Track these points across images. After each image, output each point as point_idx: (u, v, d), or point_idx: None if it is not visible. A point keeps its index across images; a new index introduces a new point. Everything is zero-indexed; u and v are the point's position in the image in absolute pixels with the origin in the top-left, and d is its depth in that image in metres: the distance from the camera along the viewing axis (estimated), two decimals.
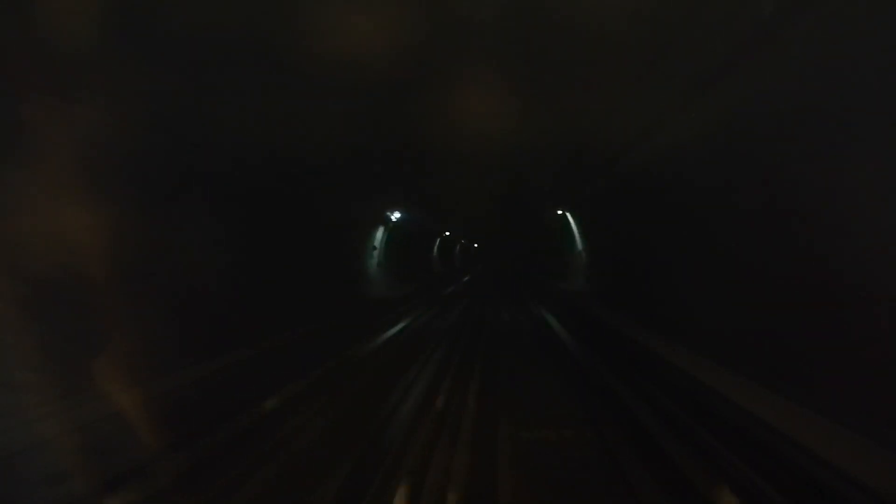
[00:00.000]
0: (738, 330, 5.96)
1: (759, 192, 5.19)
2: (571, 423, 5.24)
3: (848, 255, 3.94)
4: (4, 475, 3.65)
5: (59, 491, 3.42)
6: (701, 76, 5.24)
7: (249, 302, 8.72)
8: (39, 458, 3.80)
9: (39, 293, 4.37)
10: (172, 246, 6.54)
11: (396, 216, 17.29)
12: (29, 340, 4.21)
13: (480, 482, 3.83)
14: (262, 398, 5.85)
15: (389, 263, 19.00)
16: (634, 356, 7.80)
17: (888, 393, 3.54)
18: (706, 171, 6.45)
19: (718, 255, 6.45)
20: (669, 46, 5.04)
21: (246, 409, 5.43)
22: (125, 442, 4.17)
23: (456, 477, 3.86)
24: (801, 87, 4.17)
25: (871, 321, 3.74)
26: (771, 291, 5.17)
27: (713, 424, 4.57)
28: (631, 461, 4.12)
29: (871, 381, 3.74)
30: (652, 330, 8.83)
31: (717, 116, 5.67)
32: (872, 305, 3.71)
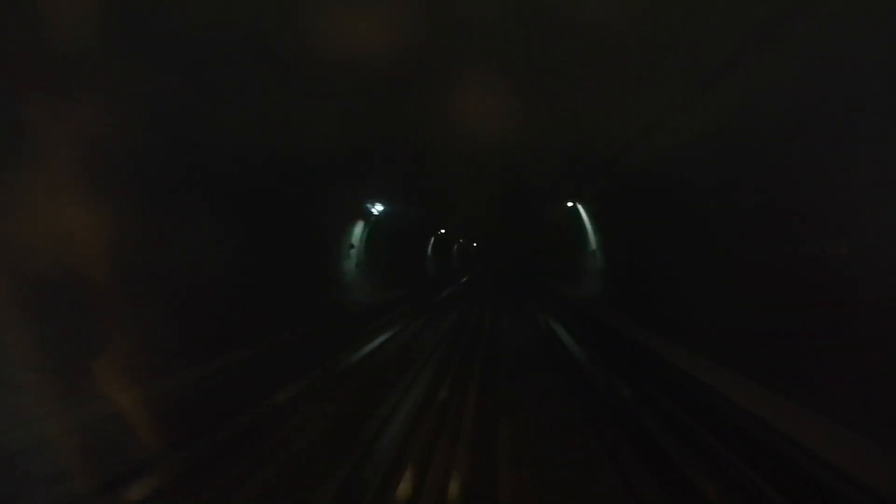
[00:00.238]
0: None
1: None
2: None
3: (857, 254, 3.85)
4: (5, 475, 3.61)
5: (59, 490, 3.45)
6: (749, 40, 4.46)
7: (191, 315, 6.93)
8: (40, 457, 3.75)
9: (39, 293, 4.42)
10: (172, 245, 6.51)
11: (379, 209, 15.10)
12: (29, 340, 4.21)
13: None
14: None
15: (372, 264, 16.80)
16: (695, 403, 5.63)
17: (888, 393, 3.55)
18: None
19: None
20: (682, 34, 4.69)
21: None
22: (125, 442, 4.18)
23: None
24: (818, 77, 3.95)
25: (871, 321, 3.75)
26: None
27: None
28: None
29: (871, 381, 3.74)
30: (677, 344, 6.75)
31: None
32: (873, 305, 3.72)
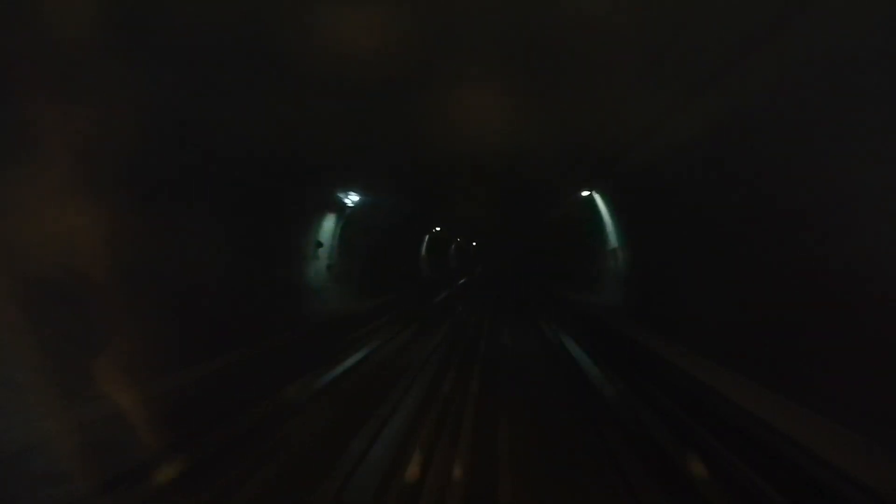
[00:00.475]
0: None
1: None
2: None
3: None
4: (5, 475, 3.58)
5: (59, 491, 3.42)
6: None
7: None
8: (40, 457, 3.74)
9: (39, 293, 4.39)
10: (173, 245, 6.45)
11: (354, 200, 12.32)
12: (29, 340, 4.15)
13: None
14: None
15: (347, 266, 13.99)
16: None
17: (888, 393, 3.51)
18: None
19: None
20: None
21: None
22: (125, 442, 4.14)
23: None
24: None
25: (871, 321, 3.72)
26: None
27: None
28: None
29: (871, 380, 3.70)
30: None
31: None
32: (873, 305, 3.69)
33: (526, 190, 15.10)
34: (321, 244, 12.04)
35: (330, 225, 12.37)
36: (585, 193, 12.10)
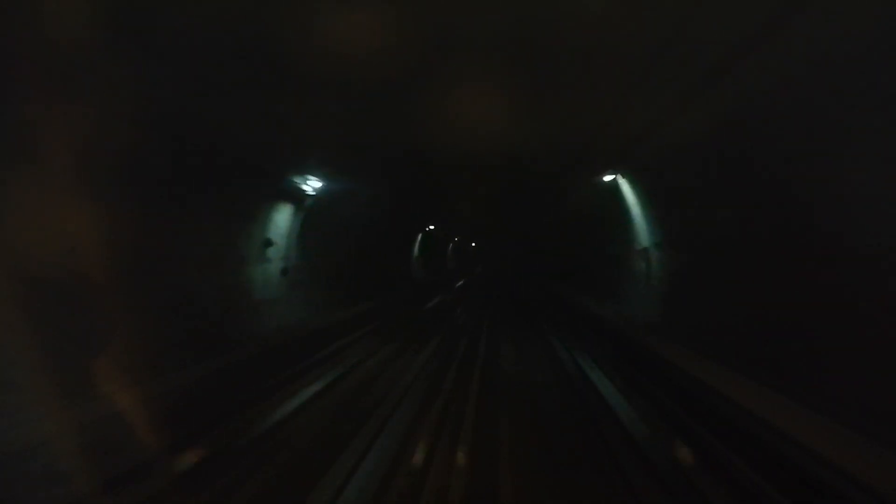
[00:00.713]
0: None
1: None
2: None
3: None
4: (5, 475, 3.51)
5: (59, 490, 3.32)
6: None
7: None
8: (40, 457, 3.64)
9: (39, 293, 4.29)
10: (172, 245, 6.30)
11: (316, 187, 9.65)
12: (29, 340, 4.08)
13: None
14: None
15: (311, 270, 11.31)
16: None
17: (888, 393, 3.39)
18: None
19: None
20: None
21: None
22: (125, 442, 4.05)
23: None
24: None
25: (871, 321, 3.57)
26: None
27: None
28: None
29: (871, 380, 3.55)
30: None
31: None
32: (873, 305, 3.55)
33: (532, 186, 13.62)
34: (271, 242, 9.40)
35: (284, 218, 9.72)
36: (609, 178, 9.41)
